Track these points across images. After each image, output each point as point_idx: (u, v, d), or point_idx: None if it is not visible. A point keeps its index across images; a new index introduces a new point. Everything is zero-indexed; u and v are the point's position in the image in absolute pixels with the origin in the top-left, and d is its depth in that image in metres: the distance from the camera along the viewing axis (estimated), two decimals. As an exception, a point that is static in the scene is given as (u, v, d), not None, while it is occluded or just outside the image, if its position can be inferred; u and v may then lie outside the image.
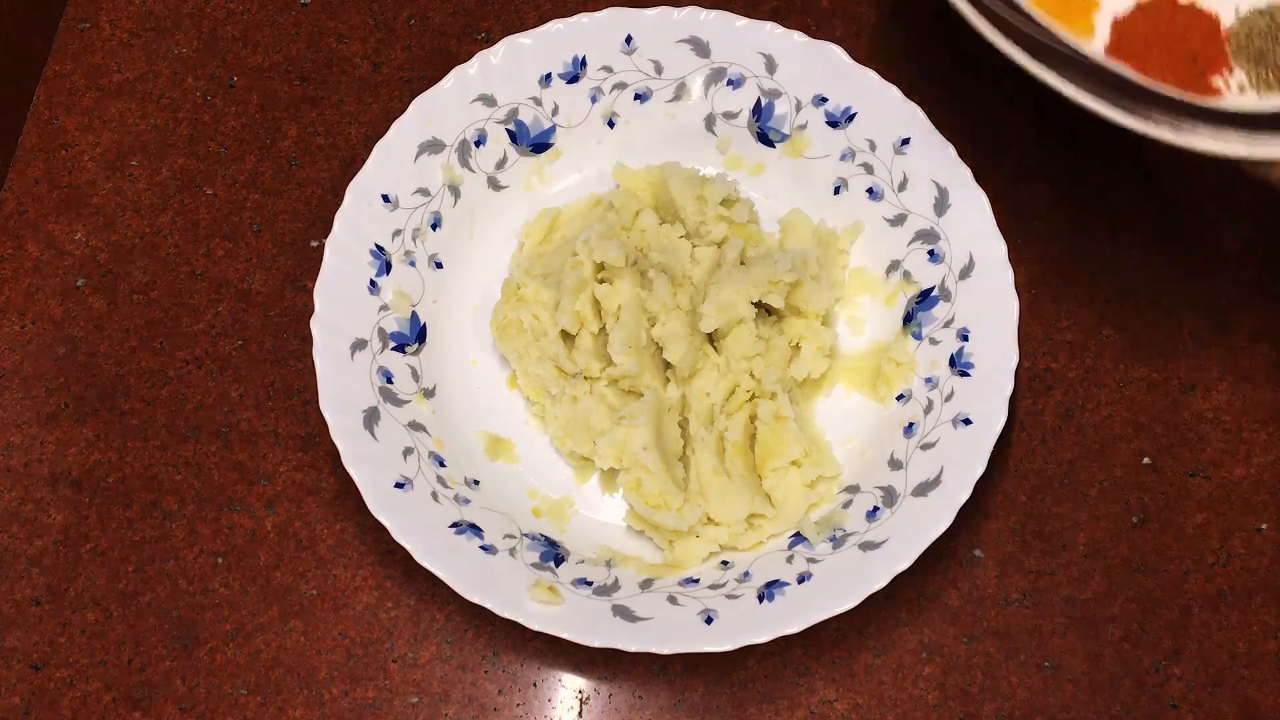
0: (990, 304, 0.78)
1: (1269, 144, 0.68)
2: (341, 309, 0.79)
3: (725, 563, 0.76)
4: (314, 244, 0.89)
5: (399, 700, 0.76)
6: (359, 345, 0.79)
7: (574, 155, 0.88)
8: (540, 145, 0.88)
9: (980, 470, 0.73)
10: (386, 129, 0.83)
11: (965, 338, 0.78)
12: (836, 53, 0.84)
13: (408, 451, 0.77)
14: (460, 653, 0.77)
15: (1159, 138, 0.68)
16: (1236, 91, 0.73)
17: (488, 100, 0.85)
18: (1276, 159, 0.68)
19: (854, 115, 0.84)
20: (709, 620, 0.72)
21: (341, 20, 0.96)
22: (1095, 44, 0.75)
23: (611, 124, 0.88)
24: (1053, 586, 0.78)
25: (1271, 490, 0.80)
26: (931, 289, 0.81)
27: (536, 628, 0.71)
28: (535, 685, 0.76)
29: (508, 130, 0.86)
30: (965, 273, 0.80)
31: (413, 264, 0.83)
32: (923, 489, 0.74)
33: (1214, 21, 0.75)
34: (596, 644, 0.71)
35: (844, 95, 0.84)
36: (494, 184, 0.87)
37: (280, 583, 0.79)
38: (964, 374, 0.77)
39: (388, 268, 0.82)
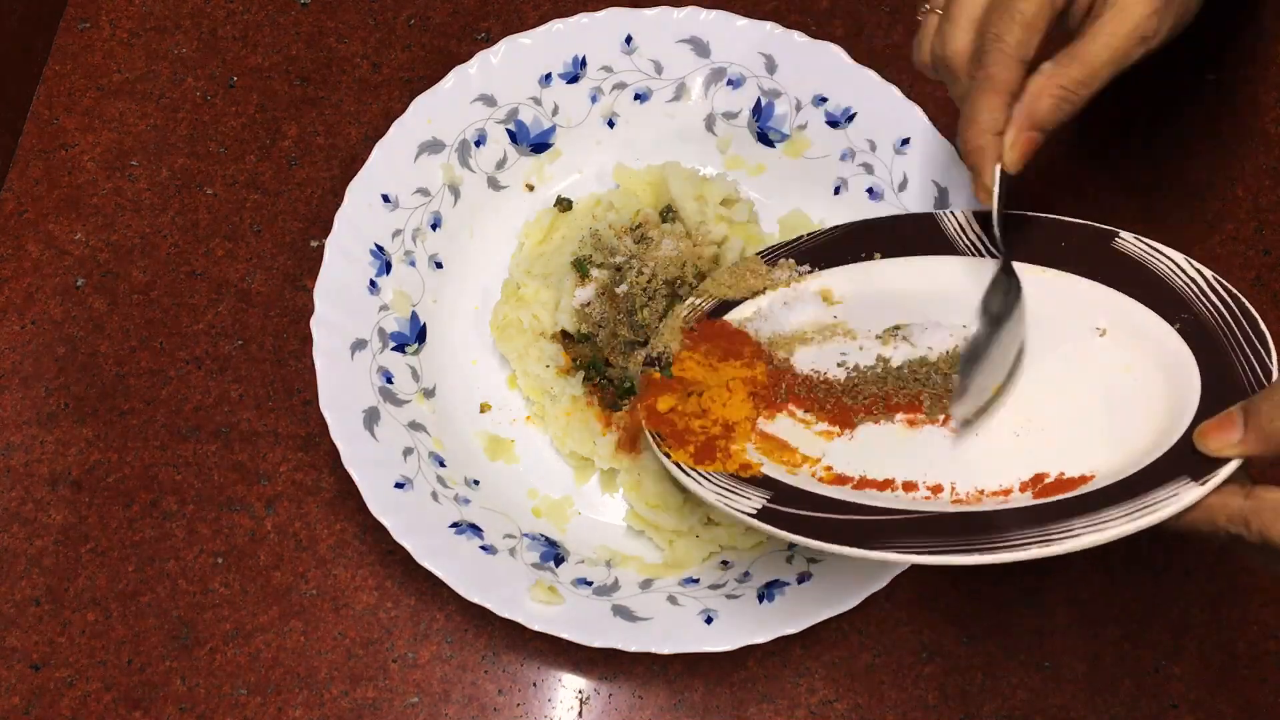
0: (990, 304, 0.78)
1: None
2: (341, 309, 0.79)
3: (725, 563, 0.76)
4: (314, 244, 0.89)
5: (399, 700, 0.76)
6: (359, 345, 0.79)
7: (574, 155, 0.88)
8: (540, 145, 0.88)
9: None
10: (386, 129, 0.83)
11: (965, 338, 0.78)
12: (836, 53, 0.84)
13: (408, 451, 0.77)
14: (460, 653, 0.77)
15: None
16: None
17: (488, 100, 0.85)
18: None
19: (854, 115, 0.84)
20: (709, 620, 0.72)
21: (341, 20, 0.96)
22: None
23: (611, 124, 0.88)
24: (1053, 586, 0.78)
25: (1271, 490, 0.80)
26: (931, 289, 0.81)
27: (536, 628, 0.71)
28: (535, 685, 0.76)
29: (508, 130, 0.86)
30: (965, 273, 0.80)
31: (413, 264, 0.83)
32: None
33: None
34: (596, 644, 0.71)
35: (844, 95, 0.84)
36: (494, 184, 0.87)
37: (280, 583, 0.79)
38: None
39: (388, 268, 0.82)
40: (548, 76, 0.86)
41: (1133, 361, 0.66)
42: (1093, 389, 0.66)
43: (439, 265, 0.85)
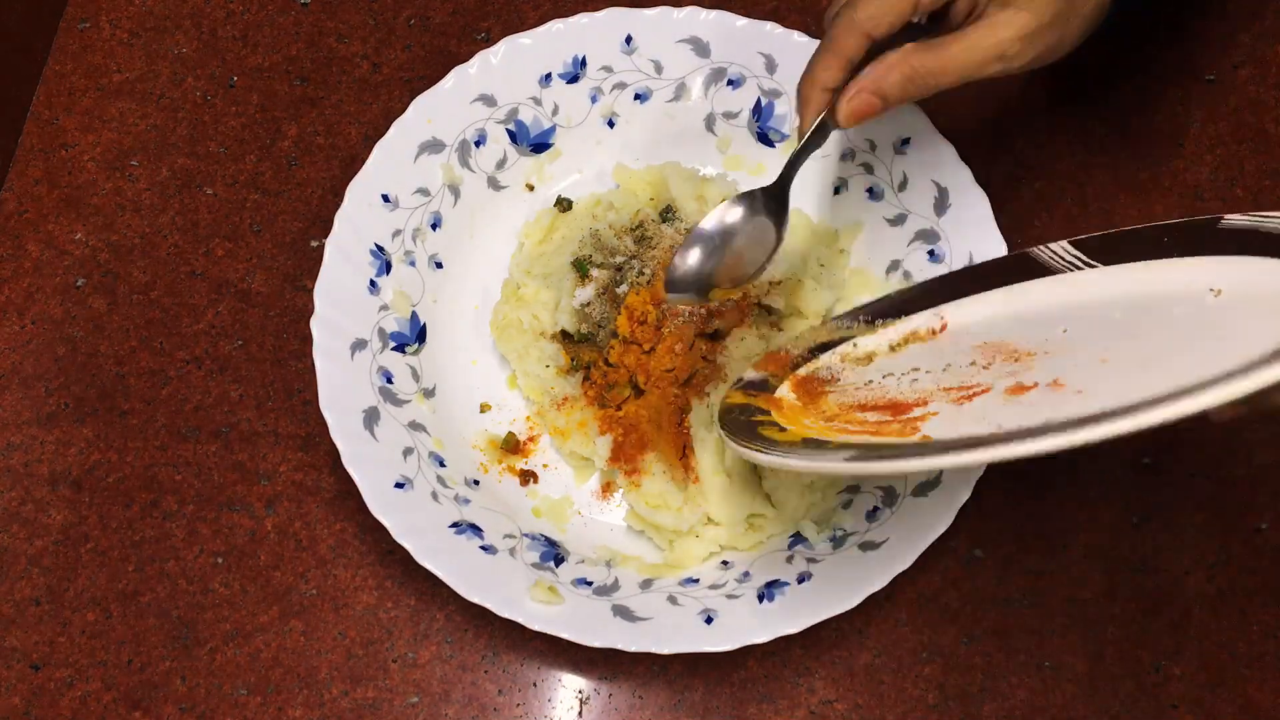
0: (990, 304, 0.78)
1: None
2: (341, 309, 0.79)
3: (725, 563, 0.76)
4: (314, 244, 0.89)
5: (399, 700, 0.76)
6: (359, 345, 0.79)
7: (574, 155, 0.88)
8: (540, 145, 0.88)
9: (980, 471, 0.73)
10: (386, 129, 0.83)
11: (965, 338, 0.78)
12: (836, 53, 0.84)
13: (408, 451, 0.77)
14: (460, 653, 0.77)
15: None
16: None
17: (488, 100, 0.85)
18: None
19: (854, 115, 0.84)
20: (709, 620, 0.72)
21: (341, 20, 0.96)
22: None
23: (611, 124, 0.88)
24: (1053, 586, 0.78)
25: (1271, 490, 0.80)
26: (931, 289, 0.81)
27: (536, 628, 0.71)
28: (535, 685, 0.76)
29: (508, 130, 0.86)
30: (965, 273, 0.80)
31: (413, 264, 0.83)
32: (923, 489, 0.74)
33: None
34: (596, 644, 0.71)
35: (844, 95, 0.84)
36: (494, 184, 0.87)
37: (280, 583, 0.79)
38: (964, 374, 0.77)
39: (388, 268, 0.82)
40: (548, 76, 0.86)
41: (1251, 309, 0.61)
42: (1205, 321, 0.62)
43: (439, 265, 0.85)
